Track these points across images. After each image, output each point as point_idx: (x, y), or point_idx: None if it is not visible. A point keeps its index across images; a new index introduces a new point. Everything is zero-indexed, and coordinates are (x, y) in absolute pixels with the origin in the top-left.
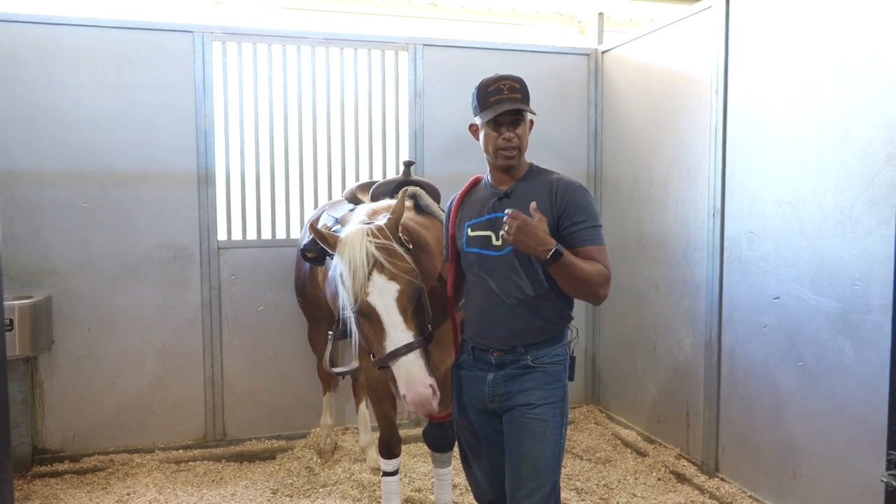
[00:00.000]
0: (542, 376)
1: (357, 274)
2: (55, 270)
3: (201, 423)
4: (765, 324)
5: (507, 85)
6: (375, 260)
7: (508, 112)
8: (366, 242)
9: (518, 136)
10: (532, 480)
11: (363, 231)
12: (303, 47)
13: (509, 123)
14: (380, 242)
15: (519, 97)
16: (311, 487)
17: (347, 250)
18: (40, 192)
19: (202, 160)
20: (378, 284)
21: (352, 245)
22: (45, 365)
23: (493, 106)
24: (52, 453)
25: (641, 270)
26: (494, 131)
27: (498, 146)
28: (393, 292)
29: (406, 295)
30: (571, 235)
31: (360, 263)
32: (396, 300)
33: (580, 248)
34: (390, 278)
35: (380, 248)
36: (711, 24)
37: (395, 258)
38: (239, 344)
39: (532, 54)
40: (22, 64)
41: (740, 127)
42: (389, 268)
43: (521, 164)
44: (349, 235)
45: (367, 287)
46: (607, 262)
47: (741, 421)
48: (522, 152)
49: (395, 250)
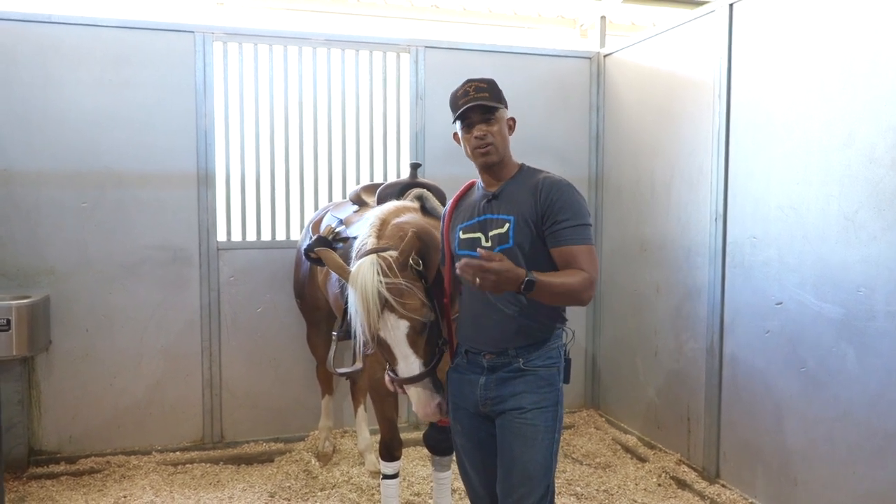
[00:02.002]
0: (535, 380)
1: (370, 312)
2: (53, 270)
3: (199, 426)
4: (767, 329)
5: (474, 86)
6: (385, 301)
7: (476, 111)
8: (376, 282)
9: (492, 133)
10: (523, 486)
11: (371, 267)
12: (304, 48)
13: (480, 122)
14: (390, 282)
15: (486, 95)
16: (309, 491)
17: (360, 287)
18: (38, 191)
19: (202, 161)
20: (388, 322)
21: (363, 284)
22: (42, 365)
23: (462, 108)
24: (48, 455)
25: (643, 274)
26: (468, 132)
27: (472, 146)
28: (403, 329)
29: (415, 331)
30: (554, 234)
31: (373, 304)
32: (406, 336)
33: (563, 248)
34: (400, 317)
35: (390, 288)
36: (714, 29)
37: (405, 297)
38: (238, 346)
39: (533, 57)
40: (20, 63)
41: (743, 131)
42: (399, 308)
43: (507, 163)
44: (361, 272)
45: (379, 324)
46: (592, 262)
47: (743, 426)
48: (500, 149)
49: (403, 290)
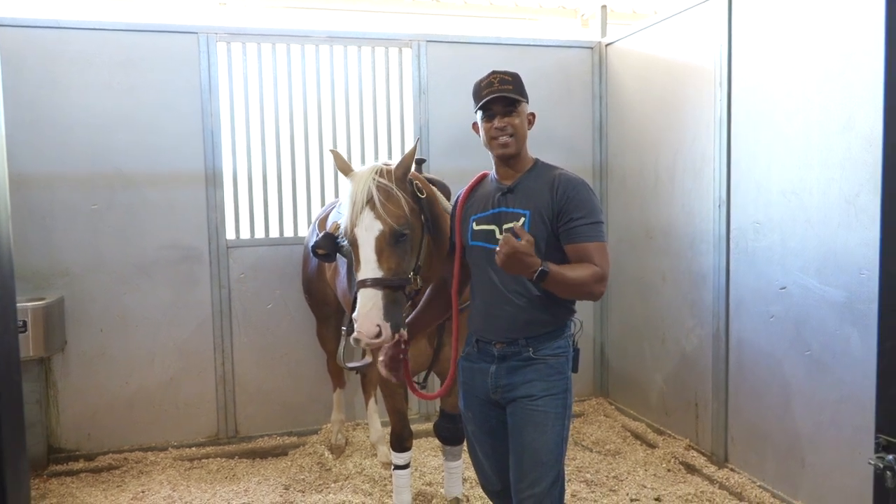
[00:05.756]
0: (544, 368)
1: (354, 205)
2: (67, 272)
3: (214, 421)
4: (772, 314)
5: (499, 78)
6: (371, 197)
7: (499, 102)
8: (369, 178)
9: (512, 126)
10: (534, 471)
11: (373, 168)
12: (307, 46)
13: (501, 114)
14: (382, 182)
15: (510, 88)
16: (322, 482)
17: (354, 182)
18: (50, 195)
19: (209, 160)
20: (365, 220)
21: (359, 178)
22: (58, 365)
23: (485, 98)
24: (67, 452)
25: (648, 262)
26: (488, 122)
27: (491, 135)
28: (375, 231)
29: (386, 237)
30: (569, 231)
31: (359, 197)
32: (376, 238)
33: (577, 245)
34: (377, 217)
35: (380, 187)
36: (714, 15)
37: (390, 202)
38: (249, 342)
39: (536, 48)
40: (28, 68)
41: (744, 117)
42: (379, 208)
43: (523, 157)
44: (361, 170)
45: (357, 220)
46: (604, 259)
47: (750, 411)
48: (518, 141)
49: (392, 193)
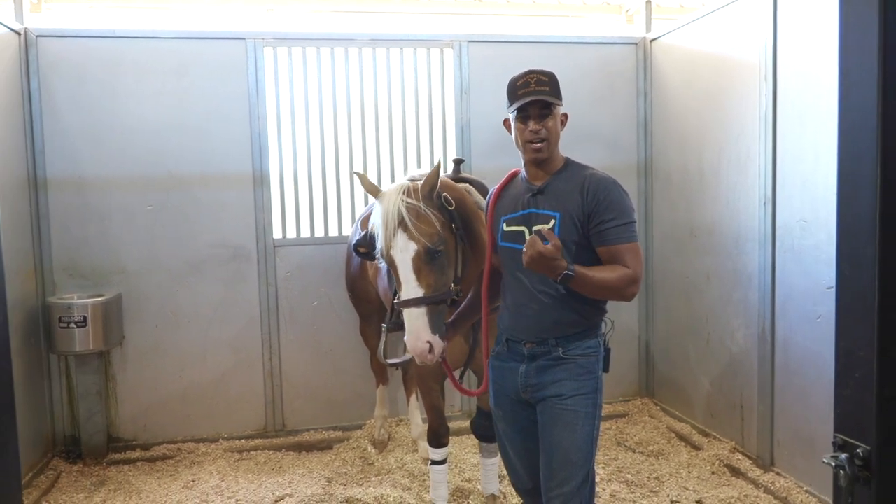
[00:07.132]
0: (574, 367)
1: (387, 229)
2: (124, 270)
3: (262, 415)
4: (819, 314)
5: (535, 78)
6: (402, 219)
7: (536, 105)
8: (398, 200)
9: (547, 129)
10: (564, 470)
11: (399, 188)
12: (350, 49)
13: (537, 116)
14: (410, 203)
15: (546, 90)
16: (364, 476)
17: (383, 204)
18: (108, 196)
19: (257, 162)
20: (399, 242)
21: (387, 200)
22: (117, 359)
23: (521, 99)
24: (125, 442)
25: (693, 261)
26: (522, 124)
27: (525, 139)
28: (411, 251)
29: (422, 256)
30: (601, 234)
31: (391, 219)
32: (412, 259)
33: (609, 247)
34: (410, 238)
35: (409, 207)
36: (759, 8)
37: (421, 221)
38: (295, 338)
39: (578, 46)
40: (89, 78)
41: (790, 112)
42: (412, 229)
43: (553, 157)
44: (388, 190)
45: (392, 242)
46: (636, 260)
47: (796, 414)
48: (552, 145)
49: (421, 212)
